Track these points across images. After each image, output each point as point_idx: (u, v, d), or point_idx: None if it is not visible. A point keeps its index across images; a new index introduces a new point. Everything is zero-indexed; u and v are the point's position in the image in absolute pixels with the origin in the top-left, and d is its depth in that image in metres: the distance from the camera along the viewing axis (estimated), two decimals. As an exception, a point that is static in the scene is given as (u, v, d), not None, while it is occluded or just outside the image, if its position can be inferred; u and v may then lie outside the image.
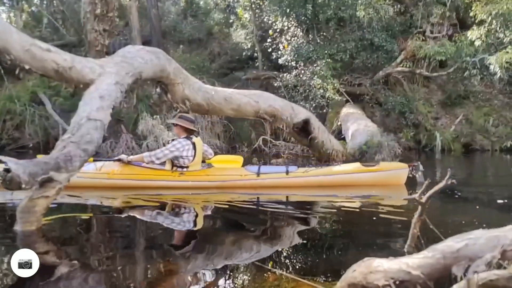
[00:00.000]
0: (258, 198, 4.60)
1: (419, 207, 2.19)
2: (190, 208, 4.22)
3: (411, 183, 4.96)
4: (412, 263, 1.49)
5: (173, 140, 4.79)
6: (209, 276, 2.31)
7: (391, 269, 1.52)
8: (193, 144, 4.67)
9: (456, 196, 4.49)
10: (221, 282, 2.25)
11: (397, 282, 1.48)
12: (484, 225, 3.02)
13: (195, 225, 3.56)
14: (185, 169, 4.67)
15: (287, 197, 4.66)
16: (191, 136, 4.74)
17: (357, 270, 1.64)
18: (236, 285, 2.23)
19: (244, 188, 4.74)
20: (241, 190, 4.71)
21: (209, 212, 4.07)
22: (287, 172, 4.80)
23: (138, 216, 3.69)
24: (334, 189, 4.82)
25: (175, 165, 4.69)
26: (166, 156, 4.59)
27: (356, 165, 5.07)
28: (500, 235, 1.37)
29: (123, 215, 3.70)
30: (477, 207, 4.14)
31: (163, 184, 4.62)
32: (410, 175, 5.08)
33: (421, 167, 5.02)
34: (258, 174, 4.77)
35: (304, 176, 4.82)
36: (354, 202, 4.44)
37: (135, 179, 4.62)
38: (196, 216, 3.92)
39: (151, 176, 4.64)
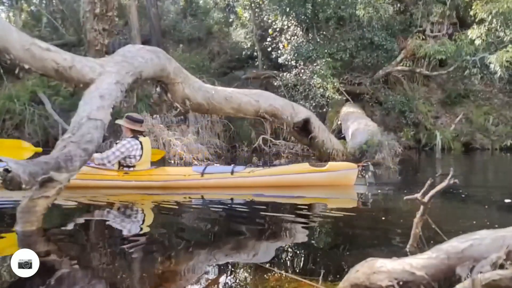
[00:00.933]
0: (202, 197, 4.57)
1: (421, 207, 2.19)
2: (178, 210, 4.20)
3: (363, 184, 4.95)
4: (416, 263, 1.48)
5: (119, 141, 4.83)
6: (209, 276, 2.30)
7: (394, 270, 1.51)
8: (141, 143, 4.72)
9: (458, 195, 4.46)
10: (221, 282, 2.24)
11: (401, 283, 1.47)
12: (489, 224, 3.02)
13: (190, 225, 3.55)
14: (131, 169, 4.70)
15: (231, 198, 4.57)
16: (138, 136, 4.77)
17: (360, 271, 1.63)
18: (237, 285, 2.22)
19: (188, 188, 4.70)
20: (185, 191, 4.67)
21: (204, 212, 4.05)
22: (232, 172, 4.75)
23: (121, 217, 3.71)
24: (282, 189, 4.77)
25: (122, 164, 4.73)
26: (118, 157, 4.64)
27: (305, 165, 5.05)
28: (506, 235, 1.36)
29: (107, 215, 3.70)
30: (483, 206, 4.08)
31: (107, 184, 4.59)
32: (360, 176, 5.05)
33: (371, 168, 5.00)
34: (202, 174, 4.71)
35: (249, 176, 4.76)
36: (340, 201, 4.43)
37: (79, 179, 4.37)
38: (193, 216, 3.91)
39: (96, 176, 4.60)
